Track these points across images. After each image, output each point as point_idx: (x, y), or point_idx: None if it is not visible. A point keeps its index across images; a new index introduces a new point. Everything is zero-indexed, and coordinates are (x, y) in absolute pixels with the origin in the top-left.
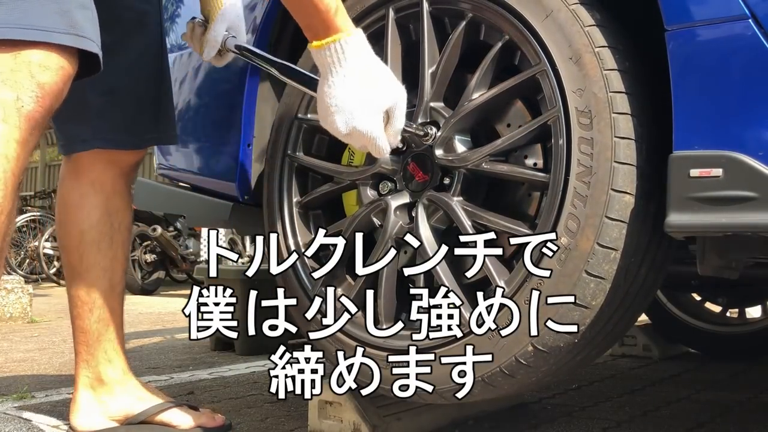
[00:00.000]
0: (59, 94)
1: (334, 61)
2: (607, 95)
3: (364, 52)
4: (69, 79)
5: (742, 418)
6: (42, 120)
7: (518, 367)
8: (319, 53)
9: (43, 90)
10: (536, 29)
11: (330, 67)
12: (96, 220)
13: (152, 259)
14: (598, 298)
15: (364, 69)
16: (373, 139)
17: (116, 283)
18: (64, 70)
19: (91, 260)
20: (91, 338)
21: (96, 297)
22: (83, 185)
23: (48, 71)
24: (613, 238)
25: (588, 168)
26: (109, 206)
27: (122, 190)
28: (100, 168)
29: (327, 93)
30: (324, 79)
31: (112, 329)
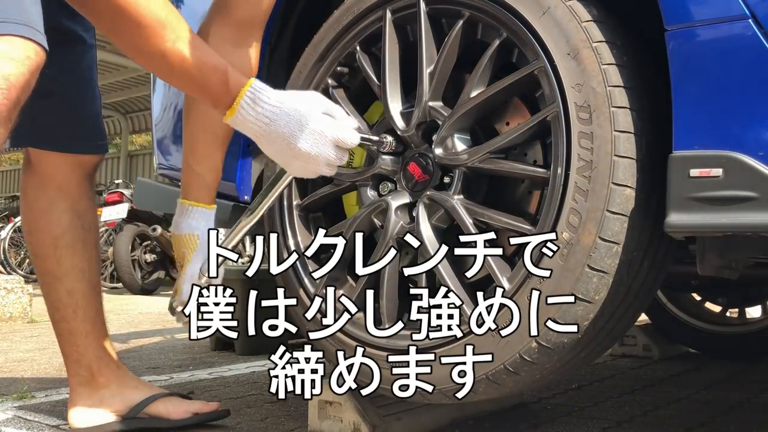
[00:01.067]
0: (26, 85)
1: (252, 114)
2: (605, 90)
3: (269, 90)
4: (37, 71)
5: (742, 418)
6: (9, 113)
7: (522, 365)
8: (235, 120)
9: (8, 82)
10: (533, 26)
11: (254, 121)
12: (67, 224)
13: (152, 259)
14: (601, 293)
15: (280, 101)
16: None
17: (95, 282)
18: (30, 60)
19: (69, 264)
20: (79, 338)
21: (78, 298)
22: (50, 191)
23: (13, 62)
24: (615, 231)
25: (588, 162)
26: (77, 208)
27: (87, 192)
28: (66, 172)
29: (271, 140)
30: (259, 136)
31: (98, 326)
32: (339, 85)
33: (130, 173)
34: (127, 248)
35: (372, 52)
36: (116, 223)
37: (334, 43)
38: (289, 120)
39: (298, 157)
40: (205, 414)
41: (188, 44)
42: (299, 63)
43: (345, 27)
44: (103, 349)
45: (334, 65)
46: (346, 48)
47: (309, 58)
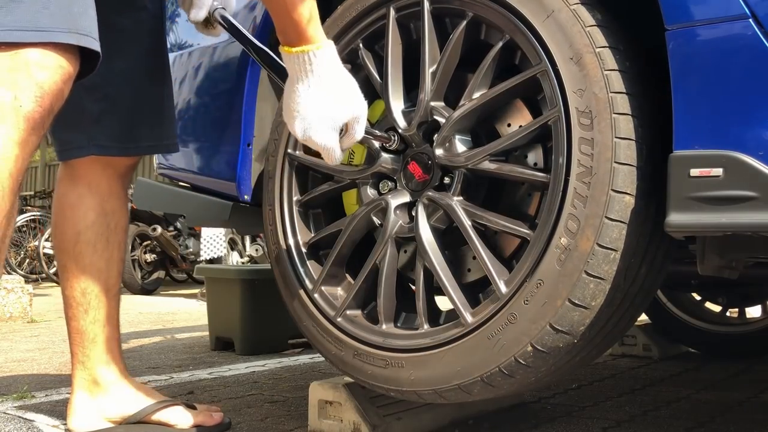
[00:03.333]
0: (59, 94)
1: (302, 69)
2: (607, 95)
3: (332, 65)
4: (70, 79)
5: (742, 418)
6: (42, 120)
7: (517, 368)
8: (289, 58)
9: (43, 90)
10: (537, 29)
11: (298, 74)
12: (92, 221)
13: (152, 259)
14: (597, 299)
15: (328, 83)
16: (326, 149)
17: (112, 284)
18: (63, 69)
19: (87, 261)
20: (86, 339)
21: (91, 298)
22: (80, 187)
23: (47, 70)
24: (613, 238)
25: (588, 168)
26: (106, 207)
27: (118, 192)
28: (97, 171)
29: (292, 97)
30: (291, 82)
31: (108, 330)
32: None
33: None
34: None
35: (374, 49)
36: None
37: (336, 40)
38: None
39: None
40: (208, 427)
41: None
42: None
43: (348, 24)
44: (110, 354)
45: None
46: (348, 45)
47: None
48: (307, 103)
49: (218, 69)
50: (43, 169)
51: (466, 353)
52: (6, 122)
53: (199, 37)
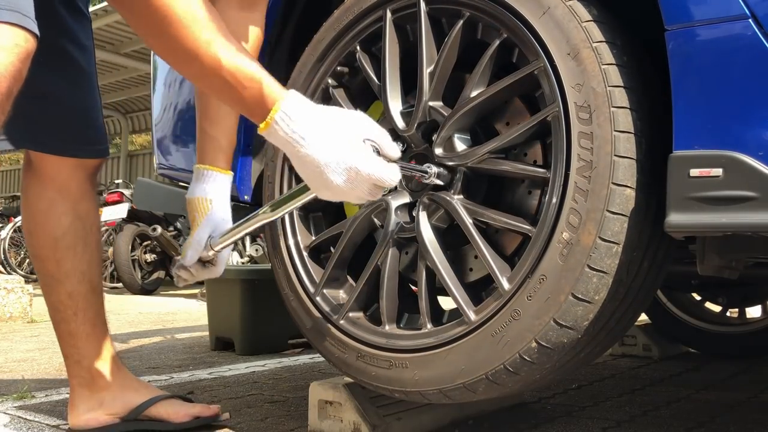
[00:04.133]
0: (18, 76)
1: (287, 132)
2: (605, 90)
3: (307, 104)
4: (27, 58)
5: (742, 418)
6: (0, 105)
7: (522, 364)
8: (269, 135)
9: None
10: (534, 26)
11: (287, 140)
12: (67, 226)
13: (152, 259)
14: (601, 293)
15: (319, 121)
16: (379, 176)
17: (96, 284)
18: (20, 47)
19: (69, 266)
20: (79, 340)
21: (79, 300)
22: (50, 192)
23: (2, 52)
24: (615, 232)
25: (588, 162)
26: (79, 210)
27: (88, 193)
28: (67, 173)
29: (307, 167)
30: (292, 156)
31: (99, 327)
32: (339, 85)
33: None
34: (127, 248)
35: (372, 51)
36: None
37: (334, 43)
38: (325, 146)
39: (329, 188)
40: (206, 418)
41: (224, 47)
42: (299, 63)
43: (345, 27)
44: (104, 350)
45: (334, 65)
46: (346, 48)
47: (309, 57)
48: (323, 154)
49: None
50: None
51: (471, 351)
52: None
53: None
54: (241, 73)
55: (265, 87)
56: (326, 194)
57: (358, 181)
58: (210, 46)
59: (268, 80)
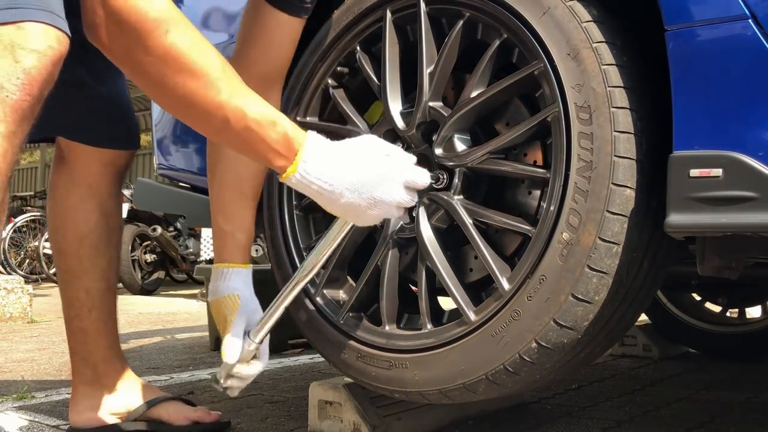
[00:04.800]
0: (49, 78)
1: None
2: (605, 90)
3: (328, 144)
4: (60, 61)
5: (742, 418)
6: (31, 110)
7: (522, 365)
8: (296, 180)
9: (30, 76)
10: (534, 26)
11: (315, 190)
12: (94, 224)
13: (152, 259)
14: (600, 294)
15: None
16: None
17: (112, 283)
18: (53, 50)
19: (90, 263)
20: (90, 337)
21: (95, 298)
22: (81, 188)
23: (34, 54)
24: (615, 232)
25: (588, 163)
26: (105, 208)
27: (116, 192)
28: (97, 170)
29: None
30: (323, 201)
31: (110, 327)
32: (339, 85)
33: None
34: (127, 248)
35: (372, 52)
36: None
37: (334, 43)
38: (357, 170)
39: (371, 206)
40: (207, 424)
41: (245, 95)
42: (300, 63)
43: (345, 27)
44: (111, 350)
45: (334, 65)
46: (346, 48)
47: (309, 58)
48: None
49: None
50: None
51: (471, 352)
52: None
53: None
54: (266, 120)
55: (290, 130)
56: (369, 215)
57: (395, 189)
58: (232, 97)
59: (291, 123)
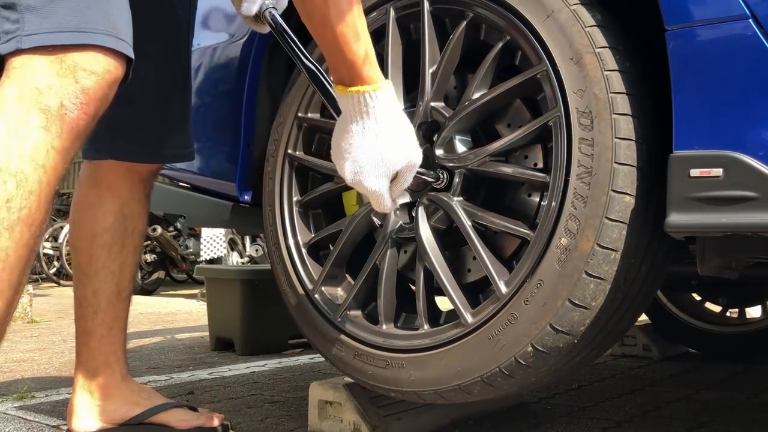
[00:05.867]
0: (104, 99)
1: (357, 110)
2: (607, 96)
3: (389, 108)
4: (115, 84)
5: (742, 418)
6: (86, 127)
7: (518, 368)
8: (343, 98)
9: (88, 96)
10: (537, 29)
11: (352, 115)
12: (110, 224)
13: (152, 259)
14: (597, 299)
15: (385, 127)
16: (376, 196)
17: (123, 287)
18: (110, 74)
19: (101, 263)
20: (92, 340)
21: (102, 300)
22: (101, 189)
23: (93, 76)
24: (613, 239)
25: (588, 169)
26: (125, 211)
27: (140, 196)
28: (119, 174)
29: (344, 137)
30: (344, 122)
31: (115, 333)
32: None
33: None
34: None
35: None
36: None
37: None
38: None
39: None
40: (210, 429)
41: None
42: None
43: None
44: (114, 356)
45: None
46: None
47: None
48: (361, 147)
49: (219, 69)
50: None
51: (467, 354)
52: (50, 130)
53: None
54: (353, 35)
55: (367, 63)
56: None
57: (358, 187)
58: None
59: (373, 58)
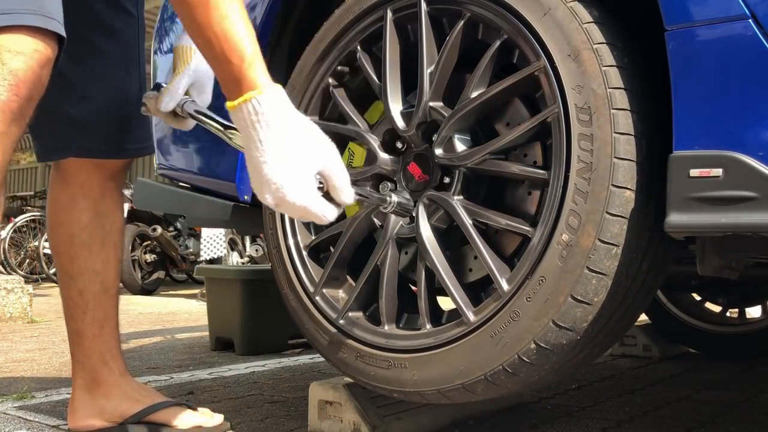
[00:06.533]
0: (37, 81)
1: (248, 124)
2: (606, 91)
3: (280, 110)
4: (48, 64)
5: (742, 418)
6: (20, 110)
7: (521, 365)
8: (234, 115)
9: (17, 77)
10: (534, 27)
11: (247, 132)
12: (86, 223)
13: (152, 259)
14: (600, 295)
15: (279, 132)
16: (306, 208)
17: (109, 285)
18: (40, 53)
19: (83, 263)
20: (85, 340)
21: (89, 299)
22: (72, 188)
23: (21, 56)
24: (615, 234)
25: (588, 164)
26: (99, 209)
27: (112, 193)
28: (87, 172)
29: (252, 163)
30: (246, 146)
31: (107, 330)
32: (339, 85)
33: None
34: (127, 248)
35: (373, 51)
36: None
37: (334, 43)
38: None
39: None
40: (208, 429)
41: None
42: (300, 62)
43: (345, 26)
44: (109, 354)
45: (334, 65)
46: (346, 47)
47: (309, 57)
48: (267, 163)
49: None
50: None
51: (469, 352)
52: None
53: None
54: (232, 43)
55: (252, 67)
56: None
57: (286, 209)
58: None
59: (256, 67)
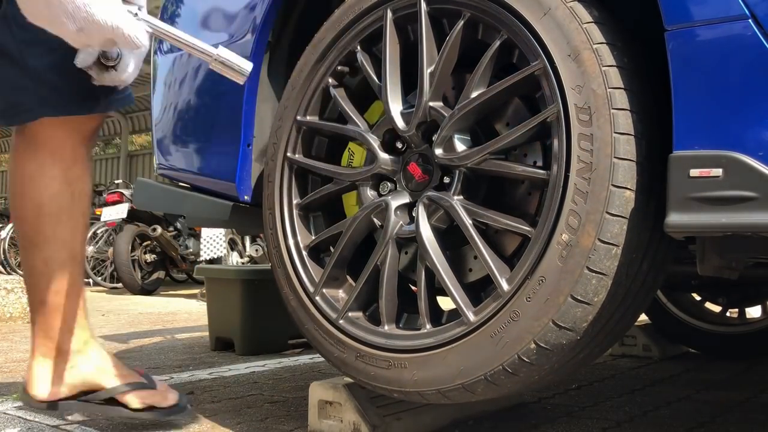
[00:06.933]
0: None
1: None
2: (606, 91)
3: None
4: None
5: (742, 418)
6: None
7: (521, 365)
8: None
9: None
10: (534, 27)
11: None
12: (56, 191)
13: (152, 259)
14: (600, 295)
15: None
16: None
17: (77, 252)
18: None
19: (50, 233)
20: (49, 309)
21: (55, 268)
22: (41, 155)
23: None
24: (614, 233)
25: (588, 164)
26: (69, 175)
27: (82, 157)
28: (61, 137)
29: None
30: None
31: (73, 299)
32: (339, 85)
33: (130, 173)
34: (127, 248)
35: (372, 51)
36: (116, 223)
37: (334, 43)
38: None
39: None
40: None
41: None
42: (300, 62)
43: (345, 26)
44: (75, 322)
45: (334, 64)
46: (346, 47)
47: (309, 57)
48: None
49: None
50: None
51: (469, 352)
52: None
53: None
54: None
55: None
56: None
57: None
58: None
59: None
